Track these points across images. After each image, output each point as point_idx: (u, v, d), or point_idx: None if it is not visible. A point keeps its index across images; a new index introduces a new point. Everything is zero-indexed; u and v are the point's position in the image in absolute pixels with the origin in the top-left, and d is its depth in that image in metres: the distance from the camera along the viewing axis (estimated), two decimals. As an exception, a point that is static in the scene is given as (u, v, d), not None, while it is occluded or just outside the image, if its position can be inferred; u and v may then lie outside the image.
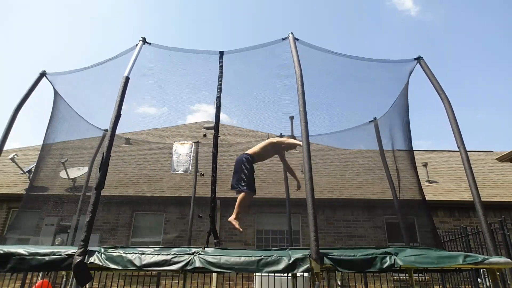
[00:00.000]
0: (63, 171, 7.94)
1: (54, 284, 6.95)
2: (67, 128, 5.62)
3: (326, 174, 10.26)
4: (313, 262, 2.73)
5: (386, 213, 8.75)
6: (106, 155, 3.32)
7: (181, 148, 6.99)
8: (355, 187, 9.56)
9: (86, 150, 7.20)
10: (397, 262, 2.80)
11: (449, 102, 3.83)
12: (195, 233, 8.05)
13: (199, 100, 5.35)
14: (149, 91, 4.78)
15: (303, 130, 3.25)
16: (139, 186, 9.50)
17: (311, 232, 2.85)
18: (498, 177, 10.67)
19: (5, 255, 2.96)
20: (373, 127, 5.86)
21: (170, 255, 2.91)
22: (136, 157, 11.24)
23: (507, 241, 4.48)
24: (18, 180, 9.66)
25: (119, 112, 3.53)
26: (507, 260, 2.94)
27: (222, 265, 2.83)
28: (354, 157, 10.72)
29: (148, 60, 4.41)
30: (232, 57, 4.49)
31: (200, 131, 11.99)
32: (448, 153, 12.98)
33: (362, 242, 8.65)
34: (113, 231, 8.85)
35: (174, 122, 11.49)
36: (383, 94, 5.23)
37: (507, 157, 11.82)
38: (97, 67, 4.65)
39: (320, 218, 8.54)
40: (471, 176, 3.39)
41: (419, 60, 4.37)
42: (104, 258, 2.90)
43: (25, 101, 4.55)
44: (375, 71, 4.69)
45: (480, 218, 3.21)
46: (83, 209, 6.01)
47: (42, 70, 4.84)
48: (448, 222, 8.83)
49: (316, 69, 4.38)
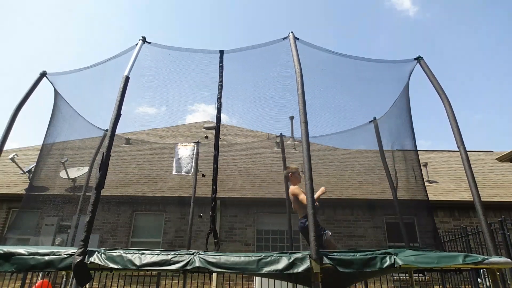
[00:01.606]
0: (63, 171, 7.94)
1: (54, 284, 6.96)
2: (67, 128, 5.62)
3: (326, 174, 10.26)
4: (313, 262, 2.73)
5: (386, 213, 8.75)
6: (106, 155, 3.31)
7: (183, 150, 7.00)
8: (355, 187, 9.56)
9: (86, 150, 7.20)
10: (397, 262, 2.79)
11: (449, 102, 3.83)
12: (195, 233, 8.06)
13: (199, 100, 5.36)
14: (149, 91, 4.78)
15: (303, 130, 3.25)
16: (139, 186, 9.50)
17: (311, 232, 2.85)
18: (498, 177, 10.67)
19: (5, 255, 2.96)
20: (373, 127, 5.87)
21: (170, 255, 2.91)
22: (136, 157, 11.24)
23: (507, 241, 4.48)
24: (18, 180, 9.66)
25: (119, 112, 3.52)
26: (507, 260, 2.94)
27: (222, 265, 2.83)
28: (354, 157, 10.73)
29: (148, 59, 4.41)
30: (232, 56, 4.49)
31: (200, 131, 12.00)
32: (448, 153, 12.98)
33: (362, 242, 8.65)
34: (113, 231, 8.86)
35: (174, 122, 11.48)
36: (383, 94, 5.23)
37: (507, 157, 11.82)
38: (97, 67, 4.65)
39: (320, 218, 8.53)
40: (471, 176, 3.39)
41: (419, 60, 4.36)
42: (104, 258, 2.90)
43: (26, 101, 4.54)
44: (375, 71, 4.69)
45: (480, 218, 3.21)
46: (83, 209, 6.02)
47: (43, 70, 4.84)
48: (448, 222, 8.84)
49: (316, 68, 4.38)
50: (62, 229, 6.97)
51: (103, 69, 4.58)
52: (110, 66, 4.47)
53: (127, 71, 3.79)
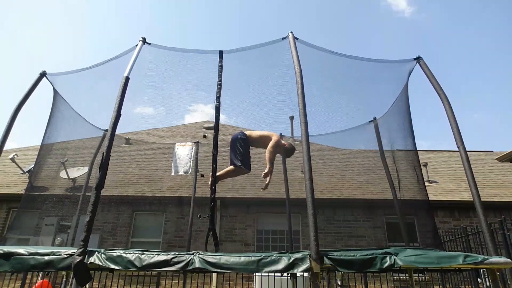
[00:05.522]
0: (63, 171, 7.94)
1: (54, 284, 6.96)
2: (67, 128, 5.62)
3: (326, 174, 10.26)
4: (313, 262, 2.73)
5: (386, 213, 8.76)
6: (106, 155, 3.32)
7: (181, 150, 7.00)
8: (355, 187, 9.56)
9: (86, 150, 7.20)
10: (397, 262, 2.80)
11: (449, 102, 3.84)
12: (195, 233, 8.05)
13: (198, 100, 5.35)
14: (148, 91, 4.78)
15: (303, 130, 3.25)
16: (139, 186, 9.50)
17: (311, 232, 2.85)
18: (498, 177, 10.67)
19: (5, 255, 2.96)
20: (373, 127, 5.87)
21: (170, 255, 2.92)
22: (136, 157, 11.24)
23: (507, 241, 4.48)
24: (18, 180, 9.66)
25: (119, 112, 3.53)
26: (507, 260, 2.94)
27: (222, 265, 2.84)
28: (354, 157, 10.73)
29: (148, 60, 4.41)
30: (231, 56, 4.49)
31: (200, 131, 12.00)
32: (448, 153, 12.98)
33: (362, 242, 8.65)
34: (113, 231, 8.86)
35: (173, 122, 11.50)
36: (383, 94, 5.23)
37: (507, 157, 11.82)
38: (97, 67, 4.65)
39: (320, 218, 8.54)
40: (471, 176, 3.39)
41: (419, 60, 4.37)
42: (104, 258, 2.91)
43: (25, 101, 4.55)
44: (374, 71, 4.69)
45: (480, 218, 3.21)
46: (83, 209, 6.02)
47: (42, 70, 4.85)
48: (448, 222, 8.84)
49: (316, 68, 4.38)
50: (62, 229, 6.97)
51: (103, 70, 4.59)
52: (110, 67, 4.48)
53: (127, 71, 3.80)
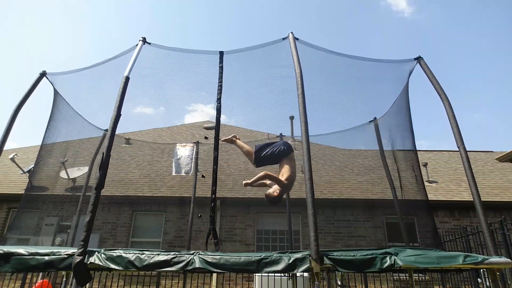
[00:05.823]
0: (63, 171, 7.94)
1: (54, 284, 6.96)
2: (67, 128, 5.62)
3: (326, 174, 10.26)
4: (313, 262, 2.73)
5: (386, 213, 8.76)
6: (106, 155, 3.32)
7: (182, 150, 7.01)
8: (355, 187, 9.56)
9: (86, 150, 7.20)
10: (397, 262, 2.80)
11: (449, 102, 3.84)
12: (195, 233, 8.05)
13: (198, 100, 5.35)
14: (148, 91, 4.78)
15: (303, 130, 3.25)
16: (139, 186, 9.50)
17: (311, 232, 2.85)
18: (498, 177, 10.67)
19: (5, 255, 2.96)
20: (373, 127, 5.87)
21: (170, 255, 2.91)
22: (136, 157, 11.24)
23: (507, 241, 4.48)
24: (18, 180, 9.65)
25: (119, 112, 3.53)
26: (507, 260, 2.94)
27: (222, 265, 2.84)
28: (354, 157, 10.71)
29: (148, 60, 4.41)
30: (232, 57, 4.49)
31: (200, 131, 12.01)
32: (448, 153, 12.98)
33: (362, 242, 8.65)
34: (113, 231, 8.85)
35: (173, 122, 11.50)
36: (383, 94, 5.23)
37: (507, 157, 11.82)
38: (97, 67, 4.65)
39: (320, 218, 8.54)
40: (471, 176, 3.39)
41: (419, 60, 4.37)
42: (104, 258, 2.91)
43: (25, 101, 4.55)
44: (375, 71, 4.69)
45: (480, 218, 3.22)
46: (83, 209, 6.02)
47: (42, 70, 4.85)
48: (448, 222, 8.83)
49: (316, 69, 4.38)
50: (62, 229, 6.98)
51: (103, 69, 4.59)
52: (110, 66, 4.48)
53: (127, 71, 3.80)
